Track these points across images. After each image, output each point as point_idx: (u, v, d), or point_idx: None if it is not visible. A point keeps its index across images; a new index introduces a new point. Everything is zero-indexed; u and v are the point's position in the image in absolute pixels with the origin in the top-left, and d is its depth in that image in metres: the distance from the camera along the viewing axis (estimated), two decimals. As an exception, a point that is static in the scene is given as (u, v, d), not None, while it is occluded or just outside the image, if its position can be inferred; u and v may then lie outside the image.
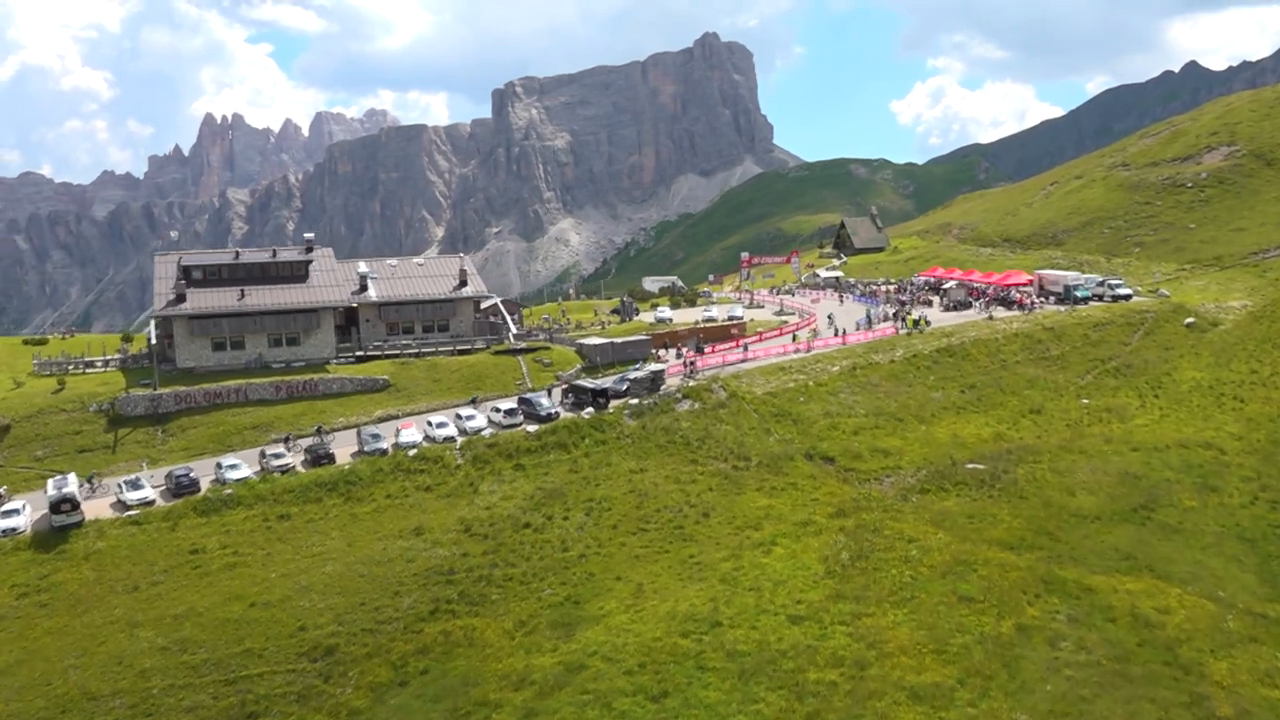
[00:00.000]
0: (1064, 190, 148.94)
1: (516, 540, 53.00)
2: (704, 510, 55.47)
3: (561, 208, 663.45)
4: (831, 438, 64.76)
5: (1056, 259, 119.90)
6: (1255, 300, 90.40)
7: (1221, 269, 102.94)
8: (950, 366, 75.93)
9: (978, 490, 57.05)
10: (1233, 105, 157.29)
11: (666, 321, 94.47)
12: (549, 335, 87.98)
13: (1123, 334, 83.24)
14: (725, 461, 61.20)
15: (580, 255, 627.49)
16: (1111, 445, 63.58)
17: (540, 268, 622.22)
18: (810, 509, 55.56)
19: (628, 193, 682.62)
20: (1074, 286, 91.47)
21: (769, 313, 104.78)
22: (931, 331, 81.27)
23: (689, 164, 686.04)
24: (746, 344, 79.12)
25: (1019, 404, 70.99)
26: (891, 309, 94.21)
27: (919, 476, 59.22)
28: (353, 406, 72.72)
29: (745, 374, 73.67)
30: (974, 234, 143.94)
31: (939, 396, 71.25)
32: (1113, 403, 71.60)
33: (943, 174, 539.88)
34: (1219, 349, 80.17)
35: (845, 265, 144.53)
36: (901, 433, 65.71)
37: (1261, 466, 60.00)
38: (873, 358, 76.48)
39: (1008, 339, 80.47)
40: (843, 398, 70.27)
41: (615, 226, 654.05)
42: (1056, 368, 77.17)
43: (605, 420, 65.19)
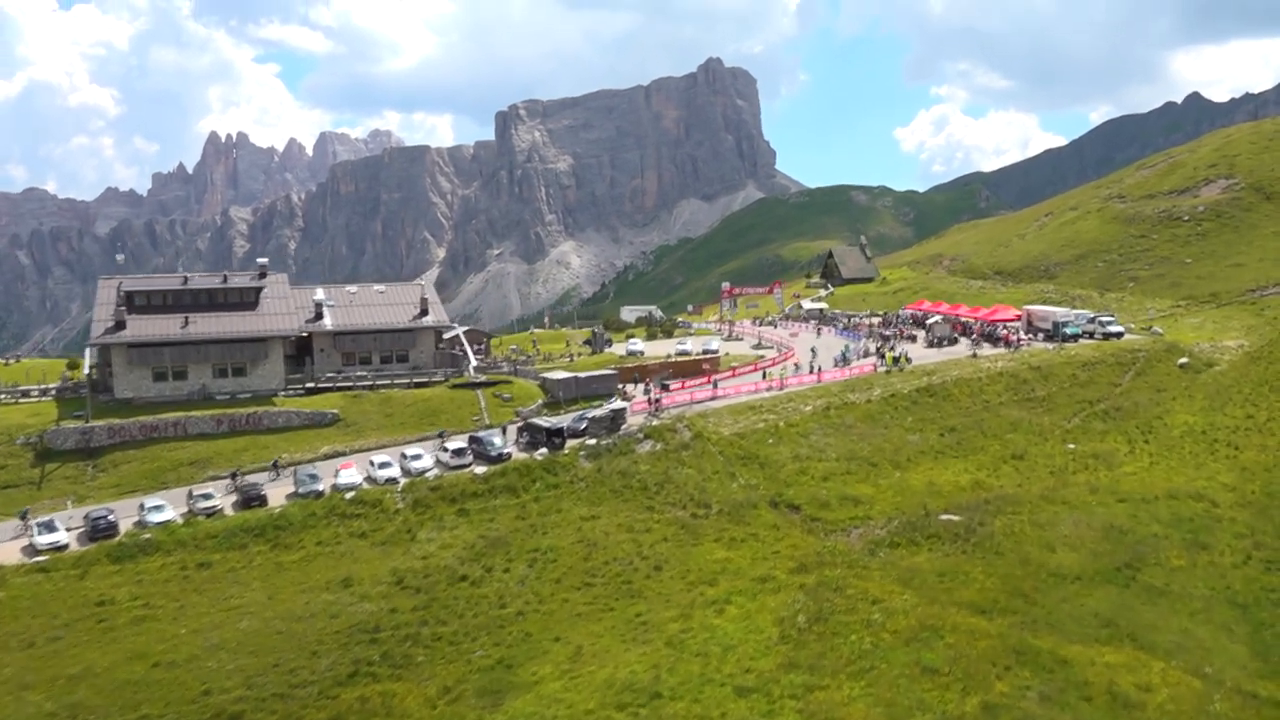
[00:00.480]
0: (1059, 222, 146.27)
1: (451, 595, 49.45)
2: (656, 563, 51.97)
3: (563, 230, 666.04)
4: (799, 484, 61.35)
5: (1048, 293, 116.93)
6: (1252, 340, 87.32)
7: (1218, 306, 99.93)
8: (930, 407, 72.60)
9: (951, 544, 53.55)
10: (1232, 137, 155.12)
11: (637, 354, 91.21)
12: (514, 367, 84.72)
13: (1113, 374, 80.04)
14: (684, 509, 57.76)
15: (581, 278, 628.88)
16: (1097, 495, 60.19)
17: (541, 290, 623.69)
18: (770, 563, 52.08)
19: (630, 216, 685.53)
20: (1063, 323, 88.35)
21: (747, 346, 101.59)
22: (912, 370, 78.04)
23: (691, 188, 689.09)
24: (716, 380, 75.78)
25: (1001, 449, 67.61)
26: (873, 344, 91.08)
27: (889, 528, 55.75)
28: (298, 442, 69.28)
29: (713, 413, 70.35)
30: (965, 265, 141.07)
31: (916, 439, 67.88)
32: (1100, 448, 68.26)
33: (943, 202, 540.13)
34: (1213, 392, 76.96)
35: (832, 296, 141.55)
36: (874, 479, 62.30)
37: (1255, 521, 56.57)
38: (848, 397, 73.19)
39: (991, 378, 77.21)
40: (814, 440, 66.90)
41: (617, 250, 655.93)
42: (1042, 410, 73.88)
43: (559, 462, 61.79)
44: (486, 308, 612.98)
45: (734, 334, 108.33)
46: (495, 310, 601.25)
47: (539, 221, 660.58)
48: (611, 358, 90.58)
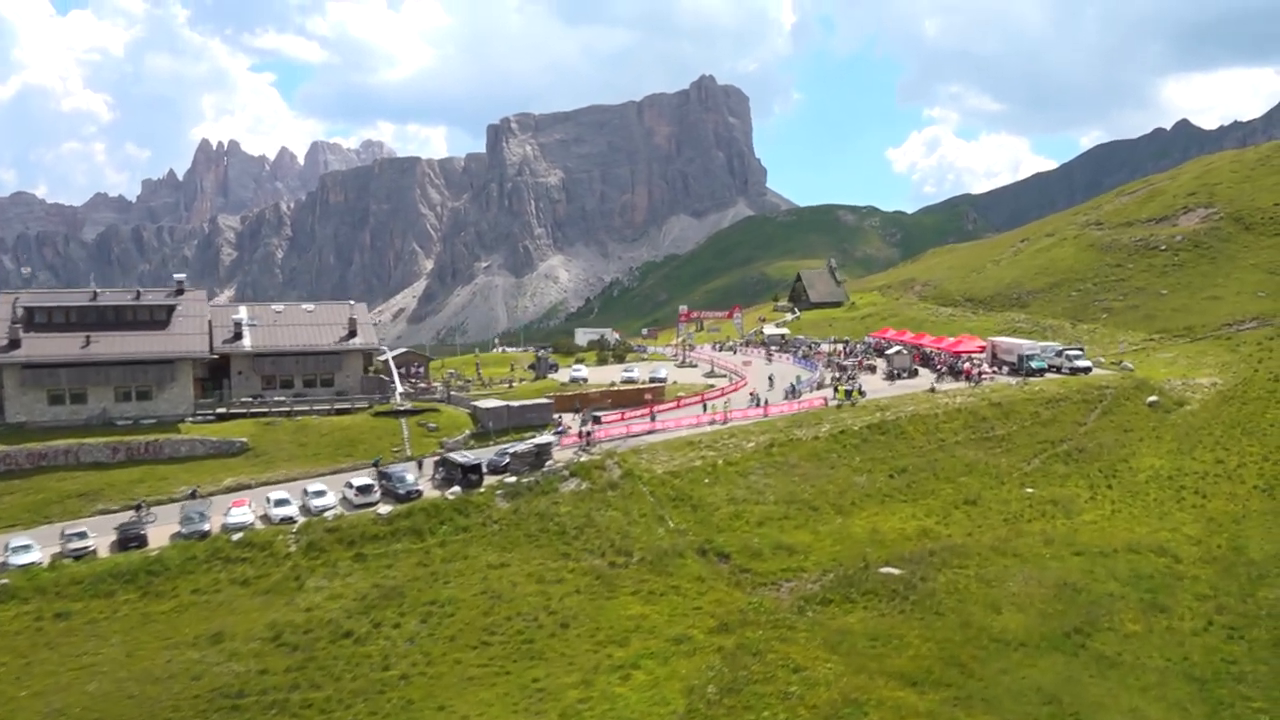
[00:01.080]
0: (1034, 248, 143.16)
1: (330, 654, 44.94)
2: (564, 619, 47.61)
3: (552, 244, 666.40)
4: (732, 529, 57.13)
5: (1019, 322, 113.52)
6: (1226, 378, 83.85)
7: (1192, 340, 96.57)
8: (881, 446, 68.59)
9: (889, 602, 49.42)
10: (1213, 165, 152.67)
11: (580, 381, 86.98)
12: (447, 394, 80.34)
13: (1078, 412, 76.30)
14: (603, 556, 53.43)
15: (569, 292, 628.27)
16: (1051, 548, 56.22)
17: (528, 304, 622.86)
18: (690, 621, 47.84)
19: (619, 231, 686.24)
20: (1029, 356, 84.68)
21: (700, 373, 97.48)
22: (864, 405, 74.07)
23: (681, 205, 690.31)
24: (655, 413, 71.62)
25: (953, 493, 63.61)
26: (830, 374, 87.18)
27: (823, 582, 51.58)
28: (201, 473, 64.69)
29: (649, 448, 66.16)
30: (936, 291, 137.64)
31: (863, 481, 63.82)
32: (1060, 494, 64.37)
33: (931, 223, 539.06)
34: (1183, 433, 73.30)
35: (797, 321, 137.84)
36: (814, 525, 58.14)
37: (1219, 581, 52.69)
38: (795, 433, 69.12)
39: (949, 415, 73.31)
40: (753, 480, 62.75)
41: (605, 265, 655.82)
42: (1000, 450, 69.98)
43: (473, 502, 57.39)
44: (473, 320, 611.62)
45: (688, 360, 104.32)
46: (482, 323, 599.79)
47: (528, 235, 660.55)
48: (552, 385, 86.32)
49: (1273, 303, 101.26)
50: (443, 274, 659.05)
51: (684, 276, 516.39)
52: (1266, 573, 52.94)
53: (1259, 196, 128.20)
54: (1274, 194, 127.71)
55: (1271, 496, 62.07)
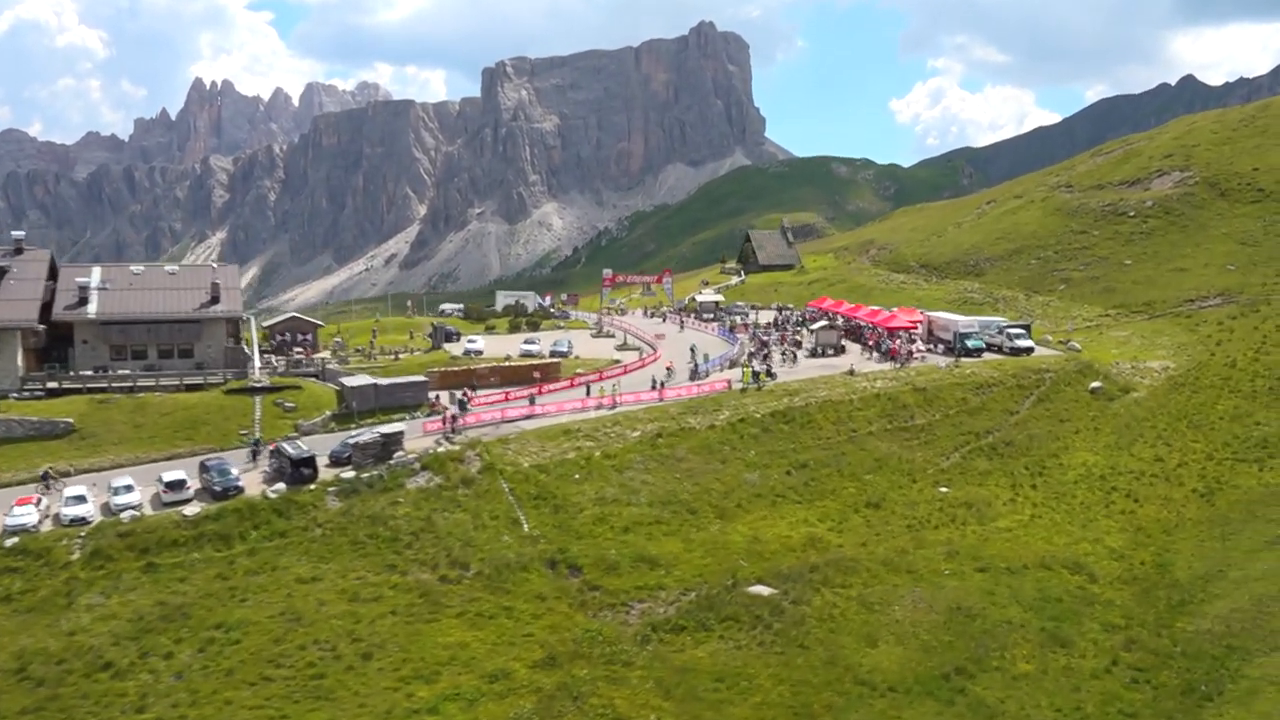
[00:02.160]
0: (999, 211, 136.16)
1: (80, 690, 38.71)
2: (369, 648, 41.43)
3: (546, 191, 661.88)
4: (593, 536, 50.88)
5: (971, 292, 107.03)
6: (1179, 361, 77.74)
7: (1150, 318, 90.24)
8: (783, 437, 62.27)
9: (749, 631, 43.42)
10: (1195, 125, 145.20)
11: (473, 355, 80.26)
12: (322, 368, 73.64)
13: (1011, 399, 70.09)
14: (434, 569, 47.18)
15: (562, 240, 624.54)
16: (954, 562, 50.30)
17: (521, 251, 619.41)
18: (515, 651, 41.77)
19: (615, 179, 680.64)
20: (965, 335, 78.21)
21: (614, 345, 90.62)
22: (773, 388, 67.64)
23: (678, 153, 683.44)
24: (535, 395, 65.07)
25: (855, 493, 57.47)
26: (752, 348, 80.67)
27: (680, 604, 45.52)
28: (15, 458, 58.13)
29: (520, 437, 59.70)
30: (891, 256, 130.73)
31: (754, 479, 57.56)
32: (976, 494, 58.35)
33: (926, 177, 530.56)
34: (1124, 424, 67.33)
35: (742, 285, 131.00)
36: (687, 532, 51.95)
37: (1134, 607, 46.89)
38: (688, 421, 62.71)
39: (865, 401, 66.96)
40: (630, 476, 56.42)
41: (600, 213, 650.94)
42: (919, 442, 63.77)
43: (297, 501, 50.90)
44: (465, 267, 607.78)
45: (605, 330, 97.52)
46: (474, 270, 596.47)
47: (522, 181, 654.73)
48: (441, 357, 79.51)
49: (1241, 276, 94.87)
50: (436, 220, 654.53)
51: (673, 227, 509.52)
52: (1190, 598, 47.16)
53: (1238, 160, 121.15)
54: (1254, 157, 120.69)
55: (1210, 503, 56.29)
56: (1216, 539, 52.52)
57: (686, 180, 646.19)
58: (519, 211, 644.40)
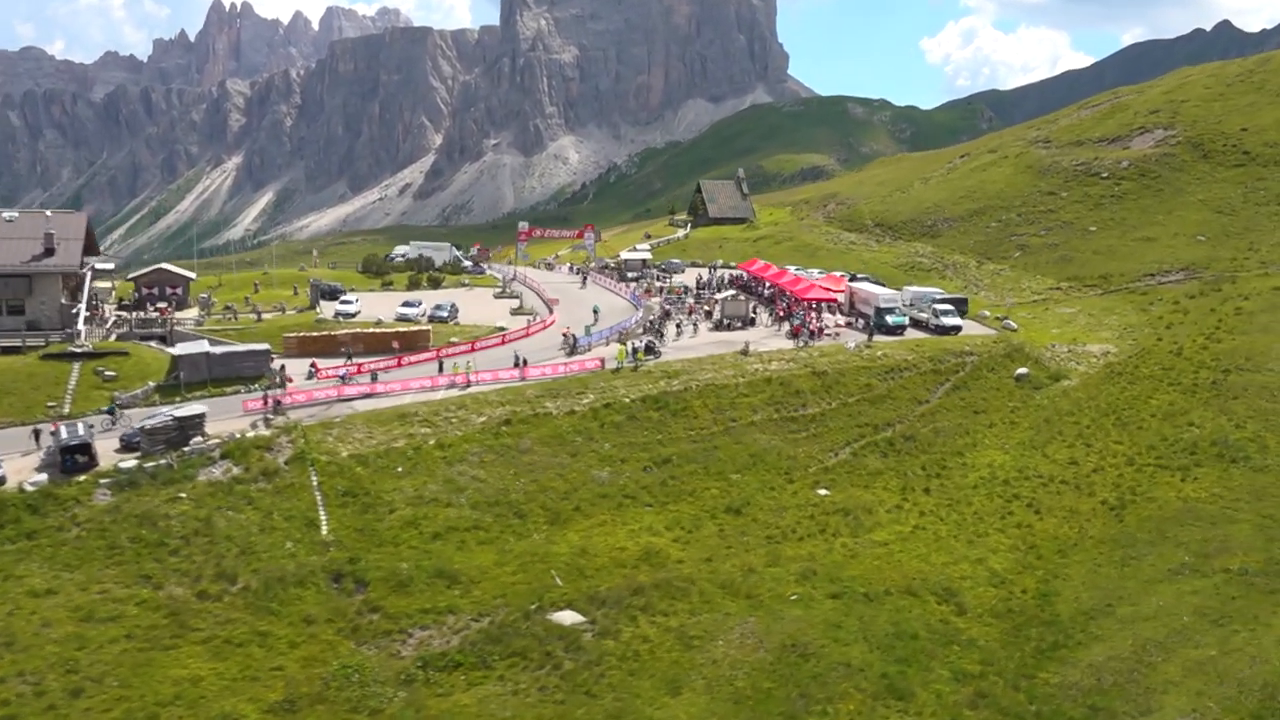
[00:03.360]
0: (970, 166, 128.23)
1: None
2: (82, 683, 35.83)
3: (563, 124, 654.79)
4: (396, 543, 45.08)
5: (920, 256, 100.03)
6: (1123, 346, 71.18)
7: (1103, 293, 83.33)
8: (650, 426, 56.11)
9: (535, 670, 37.73)
10: (1189, 79, 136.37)
11: (345, 318, 73.86)
12: (168, 329, 67.49)
13: (923, 386, 63.76)
14: (196, 581, 41.43)
15: (578, 174, 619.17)
16: (807, 584, 44.46)
17: (536, 184, 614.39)
18: (253, 690, 36.19)
19: (633, 114, 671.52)
20: (886, 309, 71.48)
21: (512, 308, 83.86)
22: (652, 368, 61.28)
23: (699, 89, 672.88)
24: (375, 372, 58.86)
25: (718, 495, 51.47)
26: (653, 316, 74.17)
27: (468, 633, 39.82)
28: None
29: (348, 420, 53.66)
30: (849, 213, 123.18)
31: (604, 477, 51.53)
32: (859, 499, 52.34)
33: (944, 121, 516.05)
34: (1045, 419, 61.07)
35: (685, 240, 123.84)
36: (506, 540, 46.08)
37: (1000, 649, 40.98)
38: (545, 405, 56.53)
39: (754, 386, 60.64)
40: (460, 470, 50.45)
41: (617, 147, 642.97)
42: (806, 435, 57.60)
43: (58, 495, 45.00)
44: (479, 200, 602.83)
45: (510, 289, 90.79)
46: (488, 203, 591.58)
47: (539, 113, 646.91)
48: (307, 319, 73.22)
49: (1210, 249, 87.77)
50: (451, 150, 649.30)
51: (682, 165, 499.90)
52: (1065, 639, 41.19)
53: (1227, 119, 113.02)
54: (1245, 116, 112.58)
55: (1119, 518, 50.12)
56: (1115, 564, 46.46)
57: (706, 116, 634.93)
58: (535, 144, 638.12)
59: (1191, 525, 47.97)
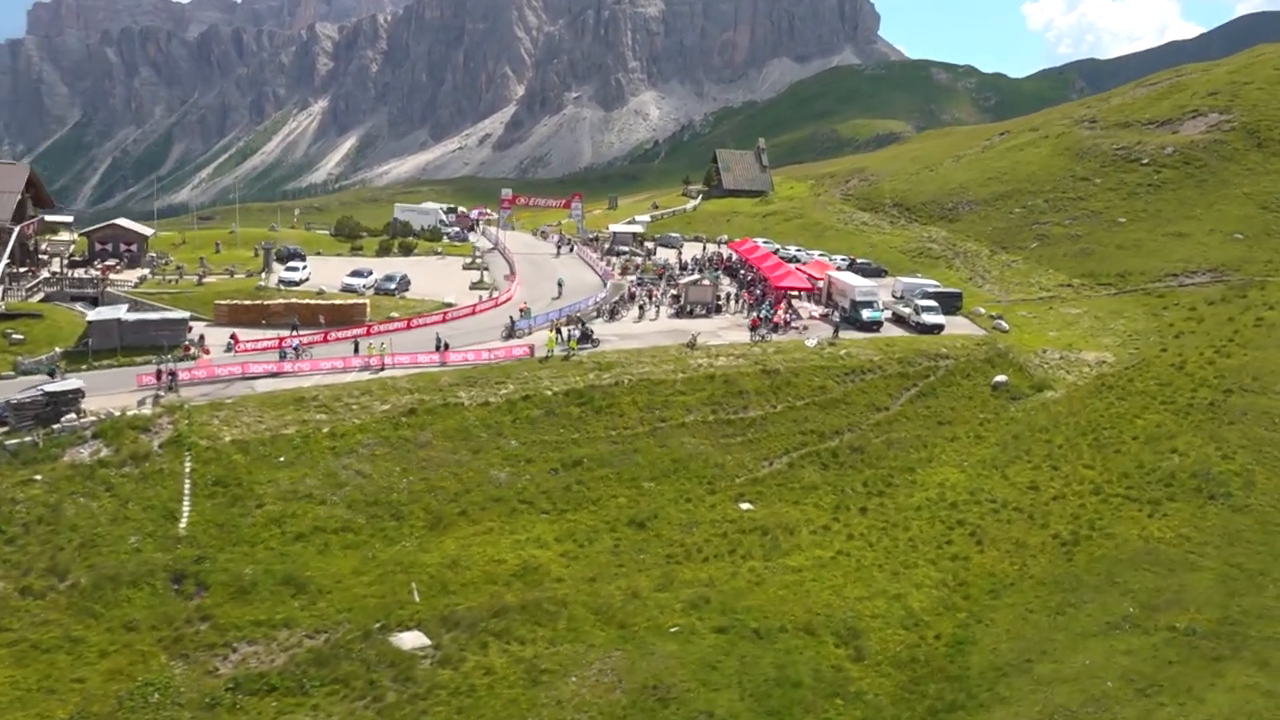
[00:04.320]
0: (1007, 145, 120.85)
1: None
2: None
3: (645, 80, 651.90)
4: (256, 543, 42.15)
5: (931, 242, 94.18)
6: (1122, 354, 65.38)
7: (1116, 293, 77.00)
8: (569, 423, 52.34)
9: (354, 701, 34.61)
10: (1261, 57, 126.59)
11: (288, 285, 70.94)
12: (101, 290, 65.35)
13: (885, 391, 58.94)
14: (26, 575, 38.92)
15: (657, 130, 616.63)
16: (694, 614, 40.60)
17: (614, 139, 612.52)
18: (44, 706, 33.79)
19: (717, 71, 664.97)
20: (861, 302, 66.36)
21: (477, 279, 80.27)
22: (582, 360, 57.33)
23: (785, 48, 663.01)
24: (285, 350, 55.88)
25: (625, 504, 47.62)
26: (615, 297, 70.08)
27: (298, 651, 36.76)
28: None
29: (240, 401, 50.78)
30: (868, 190, 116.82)
31: (503, 478, 47.97)
32: (785, 516, 48.11)
33: (1033, 90, 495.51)
34: (1016, 434, 56.00)
35: (694, 212, 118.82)
36: (374, 546, 42.86)
37: (889, 707, 36.76)
38: (458, 395, 53.05)
39: (694, 383, 56.41)
40: (346, 464, 47.31)
41: (698, 105, 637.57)
42: (742, 441, 53.35)
43: (-100, 473, 42.96)
44: (557, 153, 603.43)
45: (480, 260, 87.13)
46: (566, 156, 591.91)
47: (621, 67, 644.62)
48: (247, 285, 70.55)
49: (1245, 249, 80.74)
50: (532, 102, 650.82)
51: (756, 126, 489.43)
52: (968, 700, 36.79)
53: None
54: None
55: (1069, 556, 45.23)
56: (1050, 611, 41.70)
57: (790, 77, 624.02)
58: (616, 99, 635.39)
59: (1146, 570, 42.96)
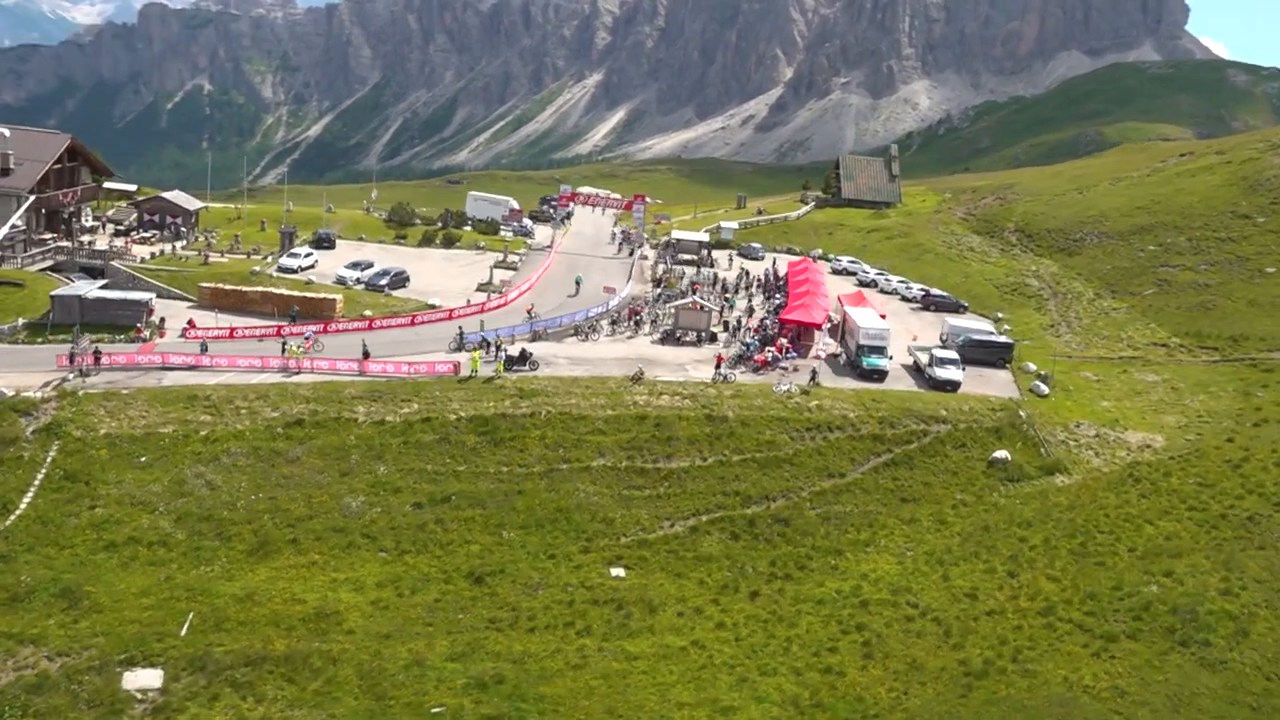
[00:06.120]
0: (1176, 169, 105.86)
1: None
2: None
3: (919, 68, 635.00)
4: (67, 546, 41.51)
5: (1033, 276, 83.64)
6: (1178, 439, 54.90)
7: (1216, 362, 64.87)
8: (458, 454, 48.83)
9: (42, 743, 32.94)
10: None
11: (286, 273, 70.47)
12: (105, 262, 67.63)
13: (847, 454, 51.86)
14: None
15: (926, 121, 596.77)
16: (474, 696, 36.66)
17: (879, 128, 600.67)
18: None
19: (998, 62, 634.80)
20: (866, 346, 58.73)
21: (497, 279, 77.40)
22: (504, 384, 53.49)
23: (1076, 39, 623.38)
24: (204, 343, 55.34)
25: (476, 553, 43.82)
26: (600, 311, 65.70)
27: (28, 674, 35.54)
28: None
29: (137, 393, 50.62)
30: (997, 211, 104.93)
31: (355, 507, 45.17)
32: (658, 590, 43.04)
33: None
34: (987, 524, 48.02)
35: (797, 221, 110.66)
36: (178, 565, 41.28)
37: None
38: (355, 410, 50.71)
39: (619, 422, 51.46)
40: (200, 472, 46.06)
41: (973, 96, 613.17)
42: (648, 495, 48.19)
43: None
44: (818, 138, 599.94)
45: (509, 259, 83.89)
46: (826, 142, 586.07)
47: (895, 54, 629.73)
48: (240, 269, 70.94)
49: None
50: (799, 85, 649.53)
51: (1017, 123, 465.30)
52: None
53: None
54: None
55: (963, 694, 38.02)
56: (899, 761, 34.81)
57: (1079, 70, 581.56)
58: (885, 86, 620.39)
59: (1046, 727, 35.15)
